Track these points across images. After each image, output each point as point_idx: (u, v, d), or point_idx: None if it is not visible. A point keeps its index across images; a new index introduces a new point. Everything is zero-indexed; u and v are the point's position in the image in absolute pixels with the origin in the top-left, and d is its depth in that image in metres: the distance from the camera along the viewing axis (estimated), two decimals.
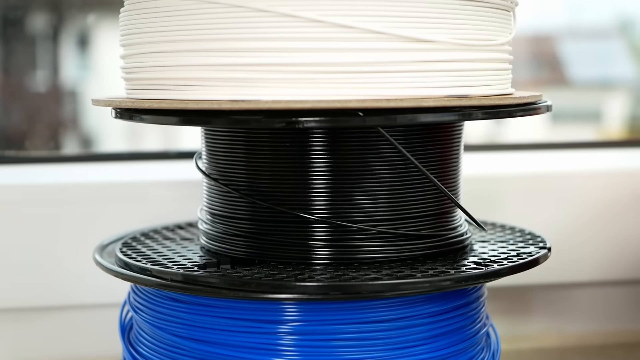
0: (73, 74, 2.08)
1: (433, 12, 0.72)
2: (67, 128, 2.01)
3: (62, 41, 2.03)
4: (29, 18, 1.96)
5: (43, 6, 2.00)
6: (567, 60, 2.56)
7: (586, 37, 2.45)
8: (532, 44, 2.40)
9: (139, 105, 0.74)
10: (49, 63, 2.02)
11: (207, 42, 0.72)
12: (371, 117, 0.69)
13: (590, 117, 2.55)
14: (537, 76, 2.51)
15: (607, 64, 2.44)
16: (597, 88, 2.53)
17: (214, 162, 0.82)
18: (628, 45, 2.35)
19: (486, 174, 1.17)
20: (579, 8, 2.25)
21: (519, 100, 0.75)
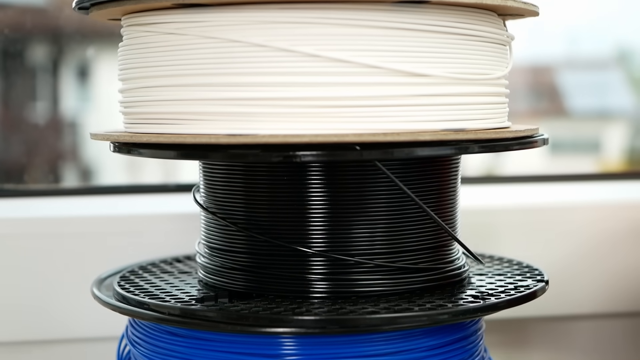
0: (73, 105, 2.08)
1: (429, 46, 0.72)
2: (67, 159, 2.02)
3: (62, 73, 2.03)
4: (29, 50, 1.97)
5: (43, 38, 2.01)
6: (565, 90, 2.56)
7: (585, 67, 2.46)
8: (530, 74, 2.40)
9: (137, 139, 0.75)
10: (48, 94, 2.03)
11: (204, 77, 0.72)
12: (368, 151, 0.70)
13: (589, 147, 2.55)
14: (536, 107, 2.51)
15: (605, 95, 2.45)
16: (596, 119, 2.54)
17: (212, 196, 0.82)
18: (627, 76, 2.35)
19: (484, 206, 1.18)
20: (577, 39, 2.26)
21: (515, 133, 0.76)
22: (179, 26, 0.73)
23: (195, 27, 0.72)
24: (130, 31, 0.78)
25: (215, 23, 0.71)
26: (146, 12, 0.76)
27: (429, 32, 0.72)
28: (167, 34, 0.74)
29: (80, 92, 2.09)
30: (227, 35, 0.71)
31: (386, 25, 0.71)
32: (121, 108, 0.81)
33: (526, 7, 0.77)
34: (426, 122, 0.72)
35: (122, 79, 0.80)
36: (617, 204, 1.19)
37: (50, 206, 1.18)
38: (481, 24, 0.75)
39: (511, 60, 0.80)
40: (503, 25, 0.80)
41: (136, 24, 0.77)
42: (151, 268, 0.92)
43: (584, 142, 2.54)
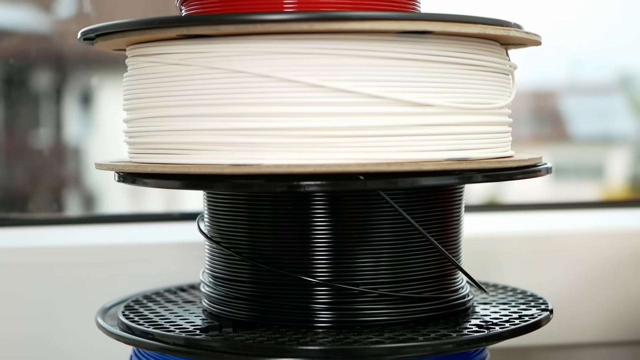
0: (76, 132, 2.09)
1: (432, 76, 0.73)
2: (70, 186, 2.02)
3: (66, 99, 2.04)
4: (33, 77, 1.97)
5: (47, 65, 2.02)
6: (568, 116, 2.56)
7: (587, 92, 2.46)
8: (532, 99, 2.41)
9: (141, 169, 0.75)
10: (52, 121, 2.03)
11: (209, 107, 0.72)
12: (372, 181, 0.70)
13: (593, 173, 2.55)
14: (539, 132, 2.51)
15: (608, 120, 2.45)
16: (599, 144, 2.54)
17: (216, 225, 0.83)
18: (629, 101, 2.36)
19: (487, 234, 1.18)
20: (579, 64, 2.27)
21: (519, 163, 0.76)
22: (183, 57, 0.73)
23: (199, 57, 0.72)
24: (135, 61, 0.78)
25: (219, 54, 0.72)
26: (151, 43, 0.76)
27: (432, 62, 0.72)
28: (172, 64, 0.74)
29: (84, 118, 2.10)
30: (231, 66, 0.71)
31: (389, 55, 0.71)
32: (126, 138, 0.81)
33: (529, 37, 0.77)
34: (429, 151, 0.72)
35: (127, 109, 0.80)
36: (621, 232, 1.19)
37: (54, 235, 1.18)
38: (484, 53, 0.76)
39: (514, 89, 0.80)
40: (506, 55, 0.80)
41: (141, 55, 0.77)
42: (155, 297, 0.92)
43: (586, 168, 2.54)
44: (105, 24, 0.75)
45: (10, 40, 1.87)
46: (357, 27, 0.69)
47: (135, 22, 0.73)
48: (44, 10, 1.83)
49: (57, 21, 1.78)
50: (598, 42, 2.13)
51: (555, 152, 2.55)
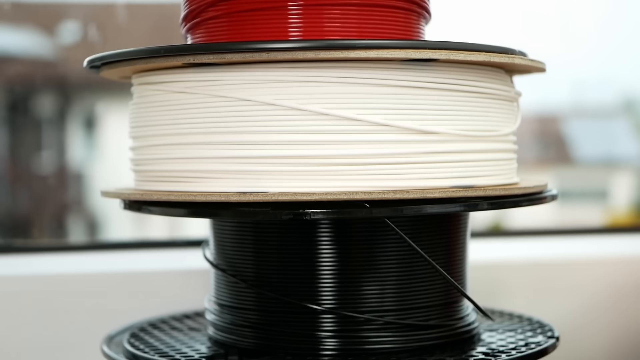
0: (79, 155, 2.09)
1: (437, 103, 0.73)
2: (74, 211, 2.02)
3: (69, 124, 2.05)
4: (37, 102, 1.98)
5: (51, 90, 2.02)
6: (572, 139, 2.57)
7: (591, 116, 2.46)
8: (537, 123, 2.41)
9: (147, 197, 0.75)
10: (55, 145, 2.04)
11: (214, 135, 0.72)
12: (378, 209, 0.70)
13: (597, 196, 2.55)
14: (543, 155, 2.51)
15: (612, 143, 2.45)
16: (603, 167, 2.54)
17: (222, 252, 0.82)
18: (633, 124, 2.36)
19: (492, 261, 1.17)
20: (583, 88, 2.27)
21: (524, 190, 0.76)
22: (189, 85, 0.74)
23: (205, 86, 0.73)
24: (140, 90, 0.78)
25: (225, 82, 0.72)
26: (157, 71, 0.76)
27: (437, 89, 0.73)
28: (178, 92, 0.74)
29: (87, 141, 2.10)
30: (237, 94, 0.71)
31: (395, 83, 0.71)
32: (132, 166, 0.81)
33: (533, 64, 0.77)
34: (435, 179, 0.72)
35: (133, 136, 0.80)
36: (626, 259, 1.19)
37: (58, 262, 1.18)
38: (489, 81, 0.76)
39: (519, 116, 0.81)
40: (510, 82, 0.80)
41: (147, 83, 0.77)
42: (161, 325, 0.92)
43: (591, 191, 2.54)
44: (111, 52, 0.76)
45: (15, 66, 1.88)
46: (363, 56, 0.69)
47: (141, 50, 0.73)
48: (48, 35, 1.83)
49: (61, 47, 1.79)
50: (601, 66, 2.13)
51: (559, 176, 2.55)
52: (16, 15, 1.71)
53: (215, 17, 0.78)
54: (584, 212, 2.51)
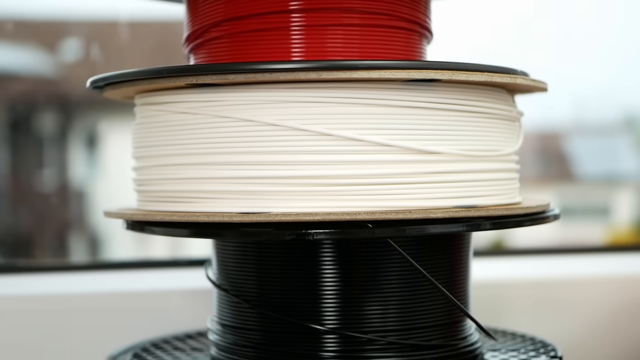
0: (81, 173, 2.09)
1: (440, 124, 0.73)
2: (76, 229, 2.02)
3: (70, 140, 2.05)
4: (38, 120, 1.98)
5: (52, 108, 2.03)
6: (574, 156, 2.57)
7: (592, 133, 2.46)
8: (539, 140, 2.41)
9: (150, 217, 0.75)
10: (57, 162, 2.04)
11: (217, 156, 0.73)
12: (380, 229, 0.70)
13: (599, 213, 2.55)
14: (545, 172, 2.51)
15: (614, 160, 2.45)
16: (605, 184, 2.54)
17: (224, 273, 0.82)
18: (634, 141, 2.36)
19: (495, 280, 1.17)
20: (584, 104, 2.27)
21: (527, 210, 0.76)
22: (192, 105, 0.74)
23: (208, 106, 0.73)
24: (143, 110, 0.79)
25: (227, 102, 0.72)
26: (160, 92, 0.76)
27: (440, 109, 0.73)
28: (181, 113, 0.74)
29: (89, 159, 2.10)
30: (240, 115, 0.72)
31: (397, 103, 0.71)
32: (134, 186, 0.81)
33: (535, 84, 0.77)
34: (437, 199, 0.73)
35: (136, 157, 0.80)
36: (629, 278, 1.19)
37: (60, 282, 1.18)
38: (491, 101, 0.76)
39: (521, 136, 0.81)
40: (512, 102, 0.80)
41: (150, 103, 0.78)
42: (163, 345, 0.92)
43: (593, 208, 2.54)
44: (114, 73, 0.76)
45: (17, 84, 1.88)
46: (365, 76, 0.69)
47: (144, 71, 0.74)
48: (50, 53, 1.84)
49: (63, 64, 1.79)
50: (602, 83, 2.13)
51: (561, 192, 2.55)
52: (18, 33, 1.72)
53: (218, 37, 0.78)
54: (586, 229, 2.51)
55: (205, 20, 0.79)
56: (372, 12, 0.77)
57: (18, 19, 1.68)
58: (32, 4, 1.67)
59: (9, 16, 1.66)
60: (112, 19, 1.59)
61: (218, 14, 0.78)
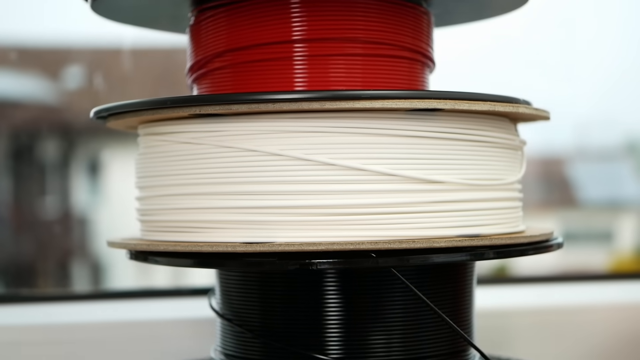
0: (84, 200, 2.09)
1: (442, 153, 0.73)
2: (77, 256, 2.02)
3: (73, 167, 2.05)
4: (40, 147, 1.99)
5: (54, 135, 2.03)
6: (576, 181, 2.57)
7: (595, 158, 2.47)
8: (541, 165, 2.41)
9: (153, 248, 0.75)
10: (59, 189, 2.04)
11: (220, 186, 0.73)
12: (384, 259, 0.70)
13: (602, 238, 2.55)
14: (547, 198, 2.52)
15: (616, 185, 2.45)
16: (608, 209, 2.54)
17: (228, 302, 0.82)
18: (637, 166, 2.36)
19: (498, 308, 1.17)
20: (586, 130, 2.28)
21: (530, 238, 0.76)
22: (195, 135, 0.74)
23: (211, 136, 0.73)
24: (147, 140, 0.79)
25: (230, 133, 0.72)
26: (163, 122, 0.77)
27: (442, 139, 0.73)
28: (184, 143, 0.75)
29: (91, 186, 2.11)
30: (243, 145, 0.72)
31: (400, 133, 0.71)
32: (138, 216, 0.81)
33: (538, 113, 0.78)
34: (441, 228, 0.73)
35: (139, 186, 0.80)
36: (632, 305, 1.19)
37: (63, 312, 1.18)
38: (493, 130, 0.76)
39: (524, 164, 0.81)
40: (515, 130, 0.81)
41: (153, 133, 0.78)
42: None
43: (596, 233, 2.54)
44: (117, 103, 0.76)
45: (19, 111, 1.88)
46: (368, 106, 0.69)
47: (148, 101, 0.74)
48: (53, 81, 1.84)
49: (65, 92, 1.80)
50: (604, 108, 2.14)
51: (564, 218, 2.55)
52: (21, 61, 1.72)
53: (221, 67, 0.79)
54: (589, 254, 2.51)
55: (209, 51, 0.79)
56: (374, 42, 0.77)
57: (21, 46, 1.68)
58: (35, 31, 1.68)
59: (12, 44, 1.67)
60: (115, 46, 1.60)
61: (221, 44, 0.79)
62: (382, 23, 0.78)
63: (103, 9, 0.82)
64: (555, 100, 1.82)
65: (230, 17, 0.78)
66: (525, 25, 1.71)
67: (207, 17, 0.80)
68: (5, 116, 1.85)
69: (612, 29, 2.04)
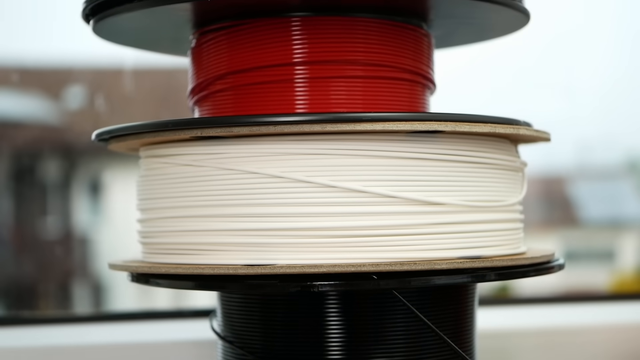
0: (85, 220, 2.10)
1: (443, 174, 0.73)
2: (79, 275, 2.02)
3: (74, 187, 2.05)
4: (42, 167, 1.99)
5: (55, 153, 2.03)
6: (578, 200, 2.57)
7: (596, 177, 2.47)
8: (542, 185, 2.42)
9: (155, 270, 0.75)
10: (60, 210, 2.04)
11: (222, 208, 0.73)
12: (385, 280, 0.70)
13: (603, 257, 2.54)
14: (549, 217, 2.52)
15: (618, 204, 2.46)
16: (609, 228, 2.54)
17: (229, 324, 0.82)
18: (638, 185, 2.36)
19: (500, 329, 1.17)
20: (587, 148, 2.28)
21: (531, 260, 0.76)
22: (196, 158, 0.74)
23: (212, 159, 0.73)
24: (148, 162, 0.79)
25: (232, 155, 0.72)
26: (164, 144, 0.77)
27: (443, 160, 0.73)
28: (185, 165, 0.75)
29: (92, 206, 2.11)
30: (244, 167, 0.72)
31: (400, 155, 0.72)
32: (139, 238, 0.81)
33: (538, 134, 0.78)
34: (442, 250, 0.73)
35: (141, 209, 0.81)
36: (634, 326, 1.18)
37: (64, 334, 1.18)
38: (494, 151, 0.76)
39: (525, 186, 0.81)
40: (516, 152, 0.81)
41: (155, 156, 0.78)
42: None
43: (597, 252, 2.54)
44: (119, 126, 0.76)
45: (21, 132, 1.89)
46: (369, 128, 0.69)
47: (150, 124, 0.74)
48: (54, 101, 1.85)
49: (67, 112, 1.80)
50: (605, 126, 2.14)
51: (565, 237, 2.55)
52: (23, 81, 1.73)
53: (223, 90, 0.79)
54: (591, 273, 2.50)
55: (210, 73, 0.80)
56: (375, 64, 0.78)
57: (23, 67, 1.69)
58: (37, 51, 1.69)
59: (14, 64, 1.67)
60: (116, 66, 1.60)
61: (222, 67, 0.79)
62: (383, 45, 0.78)
63: (105, 32, 0.82)
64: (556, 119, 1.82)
65: (232, 40, 0.78)
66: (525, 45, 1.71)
67: (208, 40, 0.80)
68: (7, 136, 1.86)
69: (612, 49, 2.04)
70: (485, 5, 0.76)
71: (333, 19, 0.77)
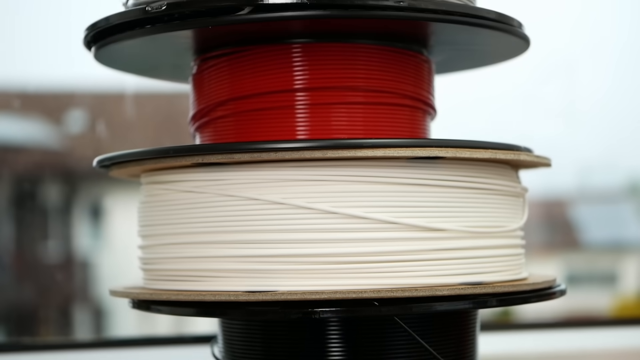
0: (86, 244, 2.10)
1: (444, 201, 0.73)
2: (79, 300, 2.02)
3: (75, 212, 2.05)
4: (42, 189, 1.99)
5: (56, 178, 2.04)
6: (579, 223, 2.57)
7: (597, 200, 2.47)
8: (543, 208, 2.41)
9: (156, 297, 0.75)
10: (61, 234, 2.04)
11: (223, 234, 0.73)
12: (387, 307, 0.70)
13: (605, 280, 2.54)
14: (551, 240, 2.51)
15: (619, 227, 2.45)
16: (611, 251, 2.54)
17: (230, 350, 0.82)
18: (639, 207, 2.36)
19: (502, 354, 1.17)
20: (588, 172, 2.28)
21: (533, 286, 0.76)
22: (197, 184, 0.74)
23: (214, 185, 0.73)
24: (149, 188, 0.79)
25: (233, 181, 0.72)
26: (165, 170, 0.77)
27: (444, 186, 0.73)
28: (186, 192, 0.75)
29: (93, 230, 2.11)
30: (245, 193, 0.72)
31: (401, 181, 0.72)
32: (140, 264, 0.81)
33: (539, 160, 0.78)
34: (443, 276, 0.72)
35: (142, 235, 0.81)
36: (636, 351, 1.18)
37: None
38: (495, 177, 0.76)
39: (526, 211, 0.81)
40: (516, 177, 0.81)
41: (156, 182, 0.78)
42: None
43: (599, 275, 2.54)
44: (120, 153, 0.76)
45: (22, 156, 1.89)
46: (370, 155, 0.69)
47: (151, 151, 0.74)
48: (55, 125, 1.85)
49: (68, 136, 1.80)
50: (606, 150, 2.14)
51: (567, 260, 2.54)
52: (24, 106, 1.73)
53: (224, 116, 0.79)
54: (593, 297, 2.50)
55: (211, 99, 0.80)
56: (375, 90, 0.78)
57: (24, 91, 1.69)
58: (38, 76, 1.69)
59: (15, 88, 1.67)
60: (117, 91, 1.60)
61: (223, 93, 0.79)
62: (384, 71, 0.78)
63: (106, 59, 0.82)
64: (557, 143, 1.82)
65: (233, 66, 0.78)
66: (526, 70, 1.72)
67: (209, 67, 0.80)
68: (8, 161, 1.86)
69: (613, 72, 2.05)
70: (485, 32, 0.76)
71: (334, 45, 0.77)
